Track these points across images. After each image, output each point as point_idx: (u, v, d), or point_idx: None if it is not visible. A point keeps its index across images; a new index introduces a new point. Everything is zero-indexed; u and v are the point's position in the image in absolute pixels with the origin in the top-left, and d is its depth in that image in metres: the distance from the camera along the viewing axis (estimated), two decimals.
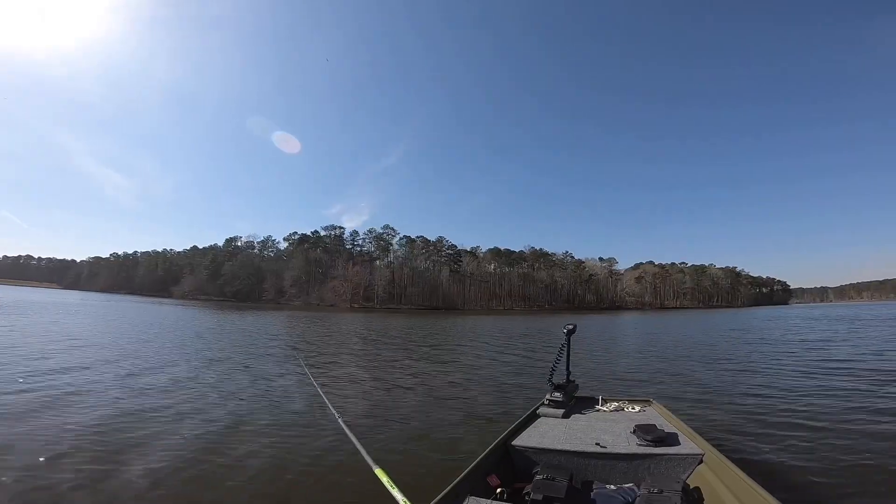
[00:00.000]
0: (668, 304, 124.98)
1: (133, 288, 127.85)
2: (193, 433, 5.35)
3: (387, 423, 5.97)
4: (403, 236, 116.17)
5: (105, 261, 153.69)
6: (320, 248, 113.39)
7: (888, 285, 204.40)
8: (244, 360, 11.40)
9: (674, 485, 2.77)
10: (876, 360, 11.76)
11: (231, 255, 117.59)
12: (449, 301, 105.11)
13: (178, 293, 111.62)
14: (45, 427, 5.31)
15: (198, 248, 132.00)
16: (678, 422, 4.00)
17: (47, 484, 3.83)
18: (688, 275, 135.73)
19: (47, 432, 5.11)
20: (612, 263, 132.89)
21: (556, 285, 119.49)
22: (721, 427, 5.85)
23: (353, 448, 2.81)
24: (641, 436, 3.45)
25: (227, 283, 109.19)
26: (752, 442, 5.22)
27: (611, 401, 4.86)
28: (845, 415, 6.39)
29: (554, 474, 2.91)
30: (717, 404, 7.24)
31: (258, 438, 5.22)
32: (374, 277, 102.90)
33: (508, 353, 15.07)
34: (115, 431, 5.27)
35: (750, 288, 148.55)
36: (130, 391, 7.41)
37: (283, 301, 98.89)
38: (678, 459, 3.21)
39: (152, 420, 5.82)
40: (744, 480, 2.62)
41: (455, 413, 6.65)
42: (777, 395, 7.77)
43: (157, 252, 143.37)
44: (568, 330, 5.03)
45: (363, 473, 2.92)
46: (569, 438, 3.62)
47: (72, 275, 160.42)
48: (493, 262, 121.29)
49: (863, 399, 7.36)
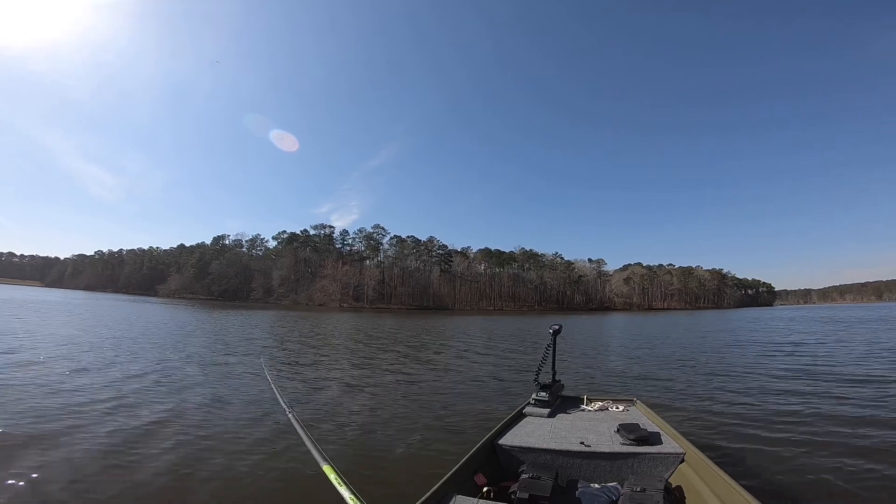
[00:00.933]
0: (655, 306, 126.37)
1: (118, 286, 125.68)
2: (124, 428, 5.28)
3: (346, 423, 5.93)
4: (394, 236, 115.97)
5: (90, 258, 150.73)
6: (310, 247, 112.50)
7: (869, 288, 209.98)
8: (207, 358, 11.28)
9: (656, 483, 2.82)
10: (851, 363, 11.99)
11: (219, 254, 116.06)
12: (439, 301, 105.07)
13: (163, 292, 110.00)
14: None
15: (185, 246, 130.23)
16: (661, 421, 4.06)
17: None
18: (675, 276, 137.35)
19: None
20: (602, 264, 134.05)
21: (545, 286, 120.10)
22: (702, 426, 6.01)
23: (304, 445, 2.68)
24: (625, 435, 3.51)
25: (214, 281, 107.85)
26: (732, 441, 5.38)
27: (595, 400, 4.93)
28: (822, 416, 6.54)
29: (539, 473, 2.95)
30: (698, 403, 7.41)
31: (198, 431, 5.16)
32: (363, 277, 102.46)
33: (493, 354, 15.11)
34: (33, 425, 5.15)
35: (736, 290, 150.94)
36: (65, 386, 7.28)
37: (272, 300, 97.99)
38: (661, 458, 3.28)
39: (78, 413, 5.73)
40: (723, 479, 2.68)
41: (425, 415, 6.56)
42: (755, 396, 7.95)
43: (142, 250, 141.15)
44: (554, 330, 5.09)
45: (311, 469, 2.88)
46: (554, 437, 3.66)
47: (55, 272, 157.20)
48: (483, 262, 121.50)
49: (837, 400, 7.52)
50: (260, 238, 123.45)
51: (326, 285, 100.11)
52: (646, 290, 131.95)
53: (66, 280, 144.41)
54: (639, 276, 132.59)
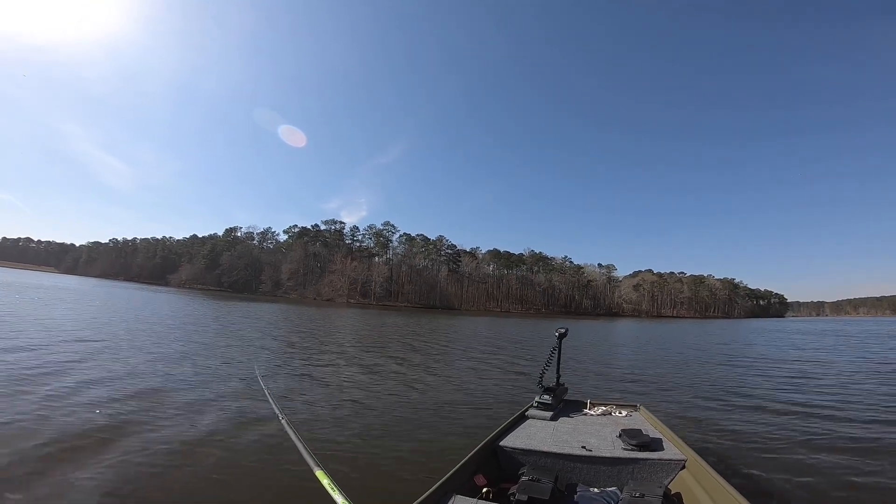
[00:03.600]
0: (664, 313, 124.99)
1: (130, 275, 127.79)
2: (118, 420, 5.23)
3: (340, 426, 5.69)
4: (403, 233, 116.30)
5: (104, 246, 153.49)
6: (320, 242, 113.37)
7: (884, 302, 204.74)
8: (203, 355, 10.81)
9: (656, 489, 2.83)
10: (860, 376, 11.81)
11: (230, 246, 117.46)
12: (446, 300, 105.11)
13: (174, 281, 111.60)
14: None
15: (197, 237, 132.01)
16: (664, 427, 4.04)
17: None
18: (685, 284, 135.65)
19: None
20: (611, 270, 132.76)
21: (553, 289, 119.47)
22: (706, 432, 5.98)
23: (297, 450, 2.65)
24: (627, 440, 3.51)
25: (224, 273, 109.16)
26: (734, 449, 5.37)
27: (598, 404, 4.92)
28: (824, 427, 6.50)
29: (539, 476, 2.95)
30: (703, 411, 7.37)
31: (185, 435, 4.96)
32: (371, 273, 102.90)
33: (498, 358, 14.95)
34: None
35: (747, 300, 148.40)
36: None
37: (280, 294, 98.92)
38: (661, 464, 3.27)
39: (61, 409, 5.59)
40: (723, 487, 2.67)
41: (422, 420, 6.31)
42: (761, 407, 7.85)
43: (156, 239, 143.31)
44: (560, 333, 5.07)
45: (304, 475, 2.80)
46: (555, 441, 3.66)
47: (70, 259, 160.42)
48: (491, 263, 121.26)
49: (842, 412, 7.47)
50: (271, 231, 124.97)
51: (334, 280, 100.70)
52: (655, 297, 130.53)
53: (81, 267, 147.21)
54: (649, 283, 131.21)
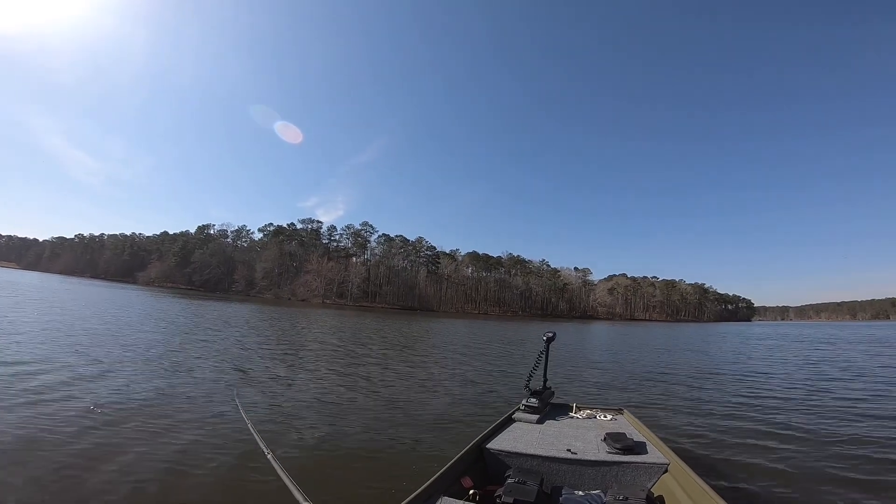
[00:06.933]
0: (637, 317, 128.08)
1: (97, 272, 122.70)
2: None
3: (322, 452, 5.02)
4: (382, 234, 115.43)
5: (69, 241, 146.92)
6: (296, 241, 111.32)
7: (844, 307, 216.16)
8: (169, 373, 10.28)
9: (639, 493, 2.89)
10: (824, 377, 12.37)
11: (203, 243, 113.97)
12: (424, 302, 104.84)
13: (143, 279, 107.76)
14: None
15: (168, 233, 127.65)
16: (647, 431, 4.10)
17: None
18: (658, 289, 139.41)
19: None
20: (587, 274, 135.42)
21: (530, 292, 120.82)
22: (688, 436, 6.10)
23: (282, 482, 2.43)
24: (611, 443, 3.55)
25: (196, 271, 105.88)
26: (716, 452, 5.47)
27: (584, 408, 4.98)
28: (804, 427, 6.74)
29: (525, 478, 2.98)
30: (683, 414, 7.57)
31: (160, 463, 4.36)
32: (349, 274, 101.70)
33: (481, 363, 14.90)
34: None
35: (716, 304, 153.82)
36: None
37: (254, 293, 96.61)
38: (644, 468, 3.31)
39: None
40: (705, 490, 2.71)
41: (408, 443, 5.57)
42: (740, 408, 8.17)
43: (125, 235, 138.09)
44: (547, 338, 5.12)
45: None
46: (541, 443, 3.68)
47: (32, 254, 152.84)
48: (470, 265, 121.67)
49: (820, 412, 7.83)
50: (245, 229, 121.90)
51: (310, 280, 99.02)
52: (629, 300, 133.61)
53: (44, 263, 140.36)
54: (623, 287, 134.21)
